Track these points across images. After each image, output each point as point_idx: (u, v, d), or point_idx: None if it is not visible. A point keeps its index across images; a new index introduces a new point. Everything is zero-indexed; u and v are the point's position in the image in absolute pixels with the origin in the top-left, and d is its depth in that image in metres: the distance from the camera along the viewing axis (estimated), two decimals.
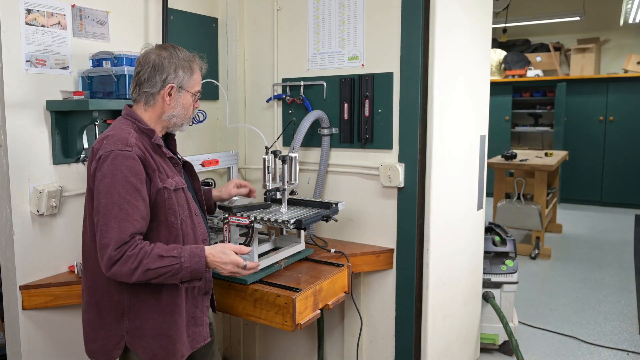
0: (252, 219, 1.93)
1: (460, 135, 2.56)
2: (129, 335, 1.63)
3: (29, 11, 1.98)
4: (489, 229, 3.42)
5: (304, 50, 2.58)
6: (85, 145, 2.14)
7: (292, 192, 2.28)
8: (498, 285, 3.12)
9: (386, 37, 2.32)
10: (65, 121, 2.11)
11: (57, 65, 2.09)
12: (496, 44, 7.98)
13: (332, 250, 2.32)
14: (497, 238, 3.28)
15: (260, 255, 2.03)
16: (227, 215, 1.96)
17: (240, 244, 1.98)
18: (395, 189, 2.36)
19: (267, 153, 2.09)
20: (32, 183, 2.02)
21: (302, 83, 2.58)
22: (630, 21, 6.83)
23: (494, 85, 3.72)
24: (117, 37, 2.30)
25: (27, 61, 1.98)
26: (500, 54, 7.99)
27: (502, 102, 7.81)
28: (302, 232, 2.21)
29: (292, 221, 1.91)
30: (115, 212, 1.51)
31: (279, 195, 2.12)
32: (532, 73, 7.73)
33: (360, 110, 2.42)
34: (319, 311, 1.98)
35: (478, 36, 2.65)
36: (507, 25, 6.99)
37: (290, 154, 2.11)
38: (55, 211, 2.07)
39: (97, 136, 2.13)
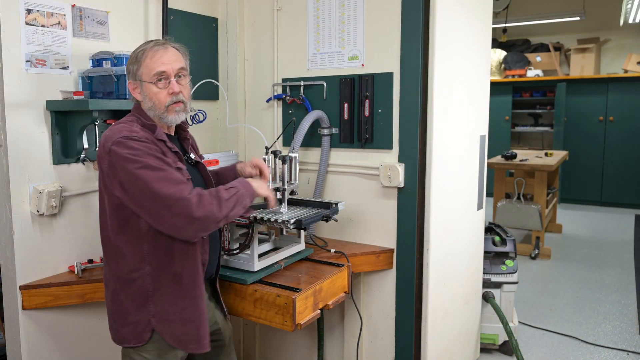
0: (252, 219, 1.93)
1: (460, 135, 2.55)
2: (156, 319, 1.64)
3: (29, 11, 1.98)
4: (489, 229, 3.42)
5: (304, 50, 2.58)
6: (85, 145, 2.13)
7: (292, 192, 2.28)
8: (498, 285, 3.12)
9: (386, 37, 2.32)
10: (65, 121, 2.11)
11: (57, 65, 2.09)
12: (496, 44, 7.98)
13: (332, 250, 2.32)
14: (497, 238, 3.28)
15: (260, 255, 2.03)
16: None
17: (240, 244, 1.99)
18: (395, 189, 2.36)
19: (267, 153, 2.09)
20: (32, 183, 2.02)
21: (302, 83, 2.58)
22: (630, 21, 6.83)
23: (494, 85, 3.72)
24: (117, 37, 2.30)
25: (27, 61, 1.98)
26: (500, 54, 7.99)
27: (502, 102, 7.81)
28: (302, 232, 2.21)
29: (292, 221, 1.91)
30: (158, 184, 1.50)
31: (278, 195, 2.12)
32: (532, 73, 7.73)
33: (360, 110, 2.42)
34: (319, 311, 1.98)
35: (478, 36, 2.65)
36: (507, 25, 7.00)
37: (290, 154, 2.11)
38: (55, 211, 2.06)
39: (98, 136, 2.14)
